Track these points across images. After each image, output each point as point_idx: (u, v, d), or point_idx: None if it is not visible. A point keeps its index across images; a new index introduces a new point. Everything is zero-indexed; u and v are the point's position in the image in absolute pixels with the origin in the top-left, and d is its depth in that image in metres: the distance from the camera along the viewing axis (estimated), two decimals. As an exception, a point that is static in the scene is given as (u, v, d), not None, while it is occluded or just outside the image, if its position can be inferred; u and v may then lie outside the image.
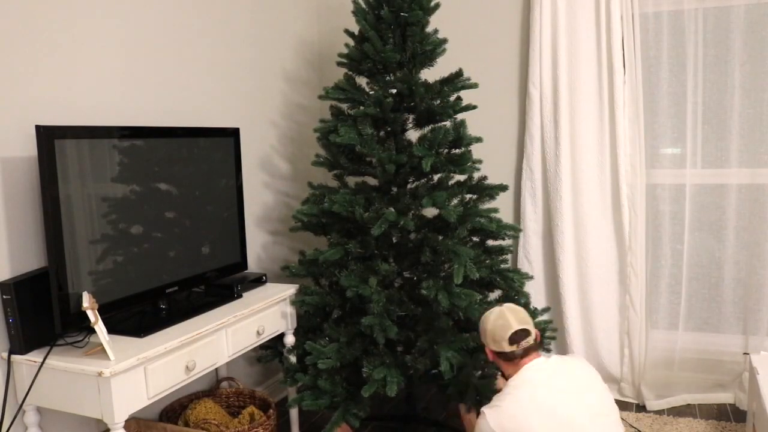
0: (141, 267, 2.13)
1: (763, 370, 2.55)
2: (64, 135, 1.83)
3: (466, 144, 2.60)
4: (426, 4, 2.62)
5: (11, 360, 1.88)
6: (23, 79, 1.96)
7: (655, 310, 3.16)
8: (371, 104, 2.53)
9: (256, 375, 3.18)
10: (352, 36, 2.73)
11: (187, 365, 2.05)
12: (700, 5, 2.95)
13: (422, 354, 2.40)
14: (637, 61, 3.00)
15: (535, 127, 3.21)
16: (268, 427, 2.44)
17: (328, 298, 2.58)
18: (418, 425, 2.94)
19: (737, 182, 3.01)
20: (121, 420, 1.80)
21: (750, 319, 3.03)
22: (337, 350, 2.41)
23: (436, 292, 2.30)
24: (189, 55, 2.66)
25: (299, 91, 3.50)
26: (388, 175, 2.52)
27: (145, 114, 2.43)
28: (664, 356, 3.14)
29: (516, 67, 3.31)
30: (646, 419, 2.98)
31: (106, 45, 2.25)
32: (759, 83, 2.92)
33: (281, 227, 3.35)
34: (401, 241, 2.56)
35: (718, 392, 3.12)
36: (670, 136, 3.09)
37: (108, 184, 2.00)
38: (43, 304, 1.91)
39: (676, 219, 3.10)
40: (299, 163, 3.50)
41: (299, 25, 3.48)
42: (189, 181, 2.34)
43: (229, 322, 2.26)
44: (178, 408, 2.59)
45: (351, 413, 2.42)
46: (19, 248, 1.95)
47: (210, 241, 2.45)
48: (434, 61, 2.73)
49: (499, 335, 1.85)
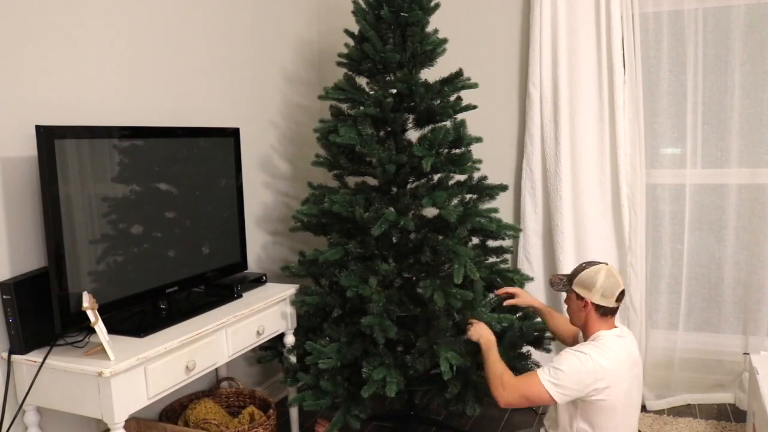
0: (141, 267, 2.13)
1: (763, 370, 2.55)
2: (64, 135, 1.83)
3: (466, 144, 2.60)
4: (426, 4, 2.62)
5: (11, 360, 1.88)
6: (23, 79, 1.96)
7: (655, 310, 3.16)
8: (371, 104, 2.53)
9: (256, 375, 3.18)
10: (352, 36, 2.72)
11: (187, 365, 2.05)
12: (700, 5, 2.95)
13: (422, 354, 2.40)
14: (637, 61, 3.00)
15: (535, 127, 3.21)
16: (268, 427, 2.44)
17: (328, 298, 2.57)
18: (418, 425, 2.94)
19: (737, 182, 3.01)
20: (121, 420, 1.79)
21: (750, 319, 3.03)
22: (338, 350, 2.41)
23: (432, 292, 2.30)
24: (189, 55, 2.66)
25: (299, 91, 3.50)
26: (388, 175, 2.52)
27: (145, 114, 2.43)
28: (664, 356, 3.14)
29: (516, 67, 3.31)
30: (646, 419, 2.98)
31: (107, 45, 2.25)
32: (759, 83, 2.92)
33: (281, 227, 3.35)
34: (401, 241, 2.56)
35: (718, 392, 3.12)
36: (670, 136, 3.09)
37: (108, 184, 2.00)
38: (43, 304, 1.91)
39: (676, 219, 3.10)
40: (299, 163, 3.50)
41: (299, 25, 3.48)
42: (189, 181, 2.34)
43: (229, 322, 2.26)
44: (178, 408, 2.59)
45: (352, 414, 2.42)
46: (19, 248, 1.95)
47: (210, 241, 2.45)
48: (434, 61, 2.73)
49: (609, 291, 1.97)
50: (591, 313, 2.00)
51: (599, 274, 1.99)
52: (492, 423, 2.98)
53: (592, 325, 2.00)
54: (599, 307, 1.98)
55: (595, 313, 1.99)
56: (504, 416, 3.05)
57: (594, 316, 2.00)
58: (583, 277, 2.02)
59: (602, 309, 1.98)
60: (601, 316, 2.00)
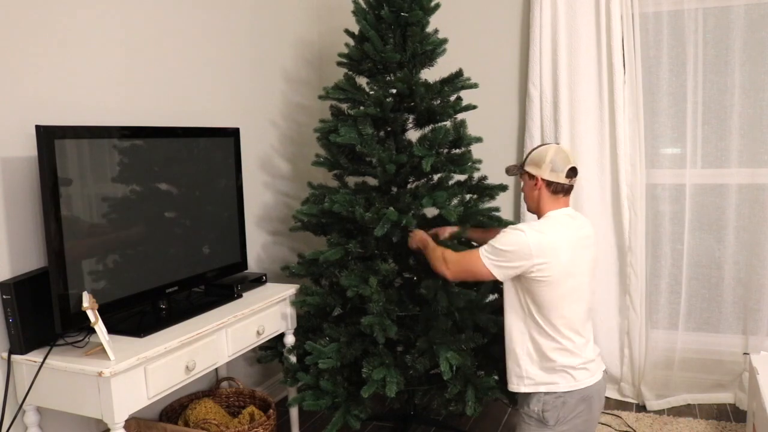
0: (141, 267, 2.13)
1: (763, 370, 2.55)
2: (64, 135, 1.83)
3: (466, 144, 2.60)
4: (426, 4, 2.62)
5: (11, 360, 1.88)
6: (23, 79, 1.96)
7: (655, 310, 3.16)
8: (371, 104, 2.53)
9: (256, 375, 3.18)
10: (352, 36, 2.72)
11: (187, 365, 2.05)
12: (700, 5, 2.95)
13: (422, 354, 2.40)
14: (637, 61, 3.00)
15: (535, 127, 3.21)
16: (268, 427, 2.44)
17: (329, 298, 2.57)
18: (418, 425, 2.94)
19: (737, 182, 3.01)
20: (121, 420, 1.79)
21: (750, 319, 3.03)
22: (337, 350, 2.41)
23: (435, 292, 2.30)
24: (189, 55, 2.66)
25: (299, 91, 3.49)
26: (388, 175, 2.52)
27: (145, 114, 2.43)
28: (664, 356, 3.14)
29: (516, 67, 3.31)
30: (646, 419, 2.98)
31: (106, 45, 2.25)
32: (759, 83, 2.92)
33: (281, 227, 3.35)
34: (401, 241, 2.56)
35: (718, 392, 3.12)
36: (670, 136, 3.09)
37: (108, 184, 2.00)
38: (43, 304, 1.91)
39: (676, 219, 3.09)
40: (299, 163, 3.50)
41: (299, 25, 3.48)
42: (189, 181, 2.34)
43: (229, 322, 2.26)
44: (178, 408, 2.59)
45: (352, 414, 2.42)
46: (19, 248, 1.95)
47: (210, 241, 2.45)
48: (434, 61, 2.73)
49: (559, 166, 2.01)
50: (543, 190, 2.05)
51: (549, 151, 2.04)
52: (492, 423, 2.98)
53: (545, 206, 2.06)
54: (550, 184, 2.03)
55: (547, 190, 2.04)
56: (504, 416, 3.05)
57: (546, 194, 2.05)
58: (533, 155, 2.08)
59: (553, 185, 2.03)
60: (552, 194, 2.04)
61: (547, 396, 2.02)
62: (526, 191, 2.13)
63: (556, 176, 2.02)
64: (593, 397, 2.05)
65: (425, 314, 2.45)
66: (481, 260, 2.03)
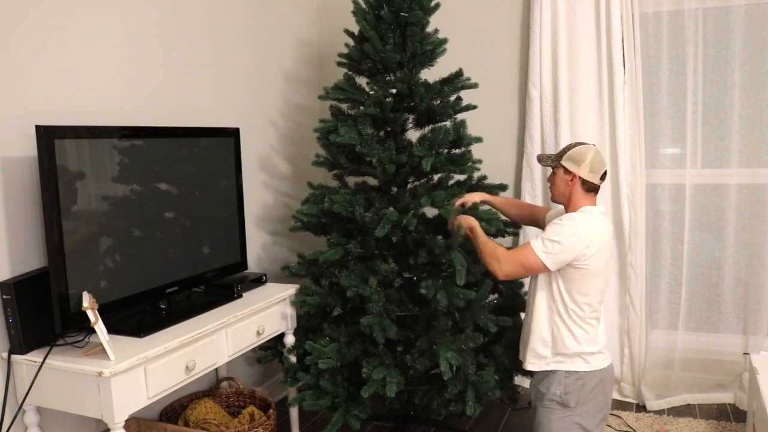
0: (141, 267, 2.13)
1: (763, 370, 2.55)
2: (64, 135, 1.83)
3: (466, 144, 2.60)
4: (426, 4, 2.62)
5: (11, 360, 1.88)
6: (23, 79, 1.96)
7: (655, 310, 3.16)
8: (371, 104, 2.53)
9: (256, 375, 3.18)
10: (352, 36, 2.72)
11: (187, 365, 2.05)
12: (700, 5, 2.95)
13: (422, 354, 2.40)
14: (637, 61, 3.00)
15: (535, 127, 3.21)
16: (268, 427, 2.44)
17: (329, 298, 2.57)
18: (418, 425, 2.94)
19: (737, 182, 3.01)
20: (121, 420, 1.79)
21: (750, 319, 3.03)
22: (337, 350, 2.41)
23: (435, 292, 2.30)
24: (189, 55, 2.66)
25: (299, 91, 3.50)
26: (388, 175, 2.52)
27: (145, 114, 2.43)
28: (664, 356, 3.14)
29: (516, 67, 3.31)
30: (646, 419, 2.98)
31: (107, 45, 2.25)
32: (759, 83, 2.92)
33: (281, 227, 3.35)
34: (401, 241, 2.56)
35: (718, 392, 3.12)
36: (670, 136, 3.09)
37: (108, 184, 2.00)
38: (43, 304, 1.91)
39: (676, 219, 3.09)
40: (299, 163, 3.50)
41: (299, 25, 3.48)
42: (189, 181, 2.34)
43: (229, 322, 2.26)
44: (178, 408, 2.59)
45: (352, 414, 2.42)
46: (19, 248, 1.95)
47: (210, 241, 2.45)
48: (434, 61, 2.73)
49: (597, 168, 2.14)
50: (576, 187, 2.15)
51: (589, 152, 2.15)
52: (492, 423, 2.98)
53: (578, 200, 2.16)
54: (585, 182, 2.14)
55: (581, 187, 2.15)
56: (504, 416, 3.05)
57: (579, 190, 2.15)
58: (573, 153, 2.16)
59: (587, 184, 2.14)
60: (585, 192, 2.16)
61: (568, 379, 2.14)
62: (557, 182, 2.21)
63: (593, 177, 2.14)
64: (607, 379, 2.19)
65: (425, 314, 2.44)
66: (535, 254, 2.09)
